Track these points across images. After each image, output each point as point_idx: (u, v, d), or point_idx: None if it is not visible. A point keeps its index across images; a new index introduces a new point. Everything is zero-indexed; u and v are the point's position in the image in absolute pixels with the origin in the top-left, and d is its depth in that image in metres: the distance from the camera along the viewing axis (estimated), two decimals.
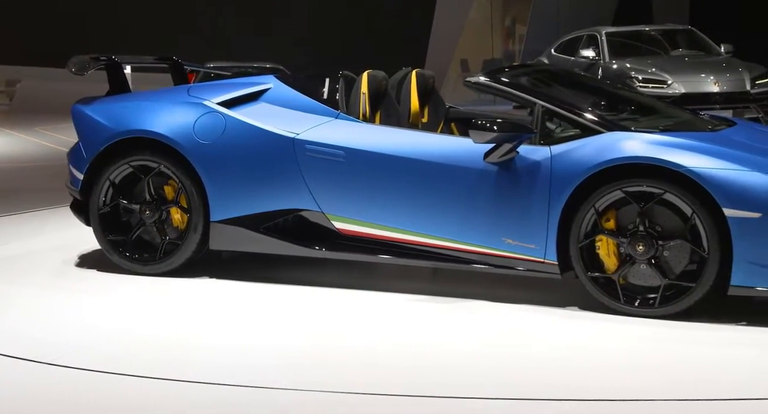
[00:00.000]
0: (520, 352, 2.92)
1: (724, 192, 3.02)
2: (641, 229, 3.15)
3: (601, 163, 3.17)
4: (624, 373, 2.70)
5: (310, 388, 2.60)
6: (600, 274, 3.23)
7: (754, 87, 8.57)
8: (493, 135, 3.27)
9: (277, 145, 3.69)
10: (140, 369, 2.79)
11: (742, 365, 2.76)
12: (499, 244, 3.36)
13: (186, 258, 3.80)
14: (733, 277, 3.03)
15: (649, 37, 9.88)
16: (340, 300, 3.57)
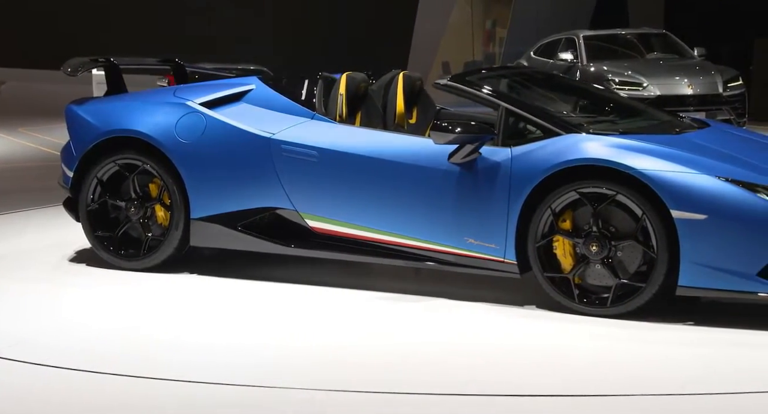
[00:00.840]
0: (473, 350, 2.95)
1: (671, 194, 3.03)
2: (595, 230, 3.18)
3: (556, 164, 3.20)
4: (570, 371, 2.73)
5: (282, 386, 2.62)
6: (556, 273, 3.25)
7: (726, 90, 8.71)
8: (454, 136, 3.31)
9: (254, 145, 3.75)
10: (126, 368, 2.79)
11: (684, 363, 2.78)
12: (462, 243, 3.40)
13: (168, 254, 3.88)
14: (681, 277, 3.04)
15: (625, 40, 9.99)
16: (307, 297, 3.60)
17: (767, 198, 3.01)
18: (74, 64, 4.24)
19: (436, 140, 3.36)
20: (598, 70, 9.12)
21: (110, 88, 4.32)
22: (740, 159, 3.22)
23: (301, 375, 2.73)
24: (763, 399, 2.47)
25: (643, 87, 8.65)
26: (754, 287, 2.98)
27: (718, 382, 2.61)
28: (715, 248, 2.99)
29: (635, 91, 8.53)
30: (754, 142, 3.66)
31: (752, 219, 2.96)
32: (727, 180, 3.05)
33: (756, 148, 3.52)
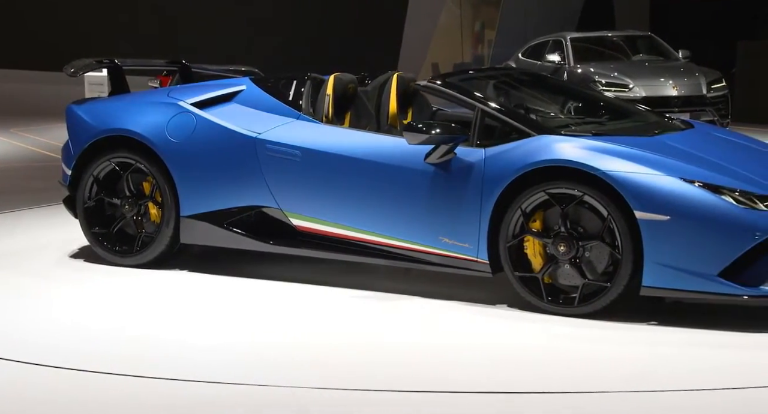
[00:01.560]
0: (439, 348, 2.96)
1: (635, 195, 3.03)
2: (563, 231, 3.19)
3: (526, 165, 3.21)
4: (521, 368, 2.75)
5: (259, 384, 2.63)
6: (526, 273, 3.26)
7: (709, 91, 8.79)
8: (426, 137, 3.32)
9: (241, 144, 3.82)
10: (118, 367, 2.79)
11: (638, 361, 2.79)
12: (437, 242, 3.42)
13: (160, 251, 3.94)
14: (645, 277, 3.04)
15: (611, 42, 10.05)
16: (287, 295, 3.62)
17: (731, 200, 3.00)
18: (79, 65, 4.30)
19: (409, 141, 3.38)
20: (585, 72, 9.17)
21: (114, 89, 4.40)
22: (712, 161, 3.21)
23: (278, 372, 2.74)
24: (716, 396, 2.49)
25: (629, 88, 8.71)
26: (715, 288, 2.97)
27: (673, 379, 2.62)
28: (677, 249, 2.98)
29: (621, 92, 8.58)
30: (733, 143, 3.67)
31: (714, 220, 2.96)
32: (691, 182, 3.04)
33: (733, 151, 3.53)
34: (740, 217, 2.96)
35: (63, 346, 3.02)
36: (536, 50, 10.16)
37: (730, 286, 2.95)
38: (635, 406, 2.44)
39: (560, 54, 9.58)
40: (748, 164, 3.30)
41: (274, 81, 4.09)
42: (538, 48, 10.16)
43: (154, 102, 4.07)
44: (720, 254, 2.96)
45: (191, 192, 3.87)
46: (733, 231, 2.94)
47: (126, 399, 2.56)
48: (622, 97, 8.16)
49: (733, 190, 3.04)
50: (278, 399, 2.53)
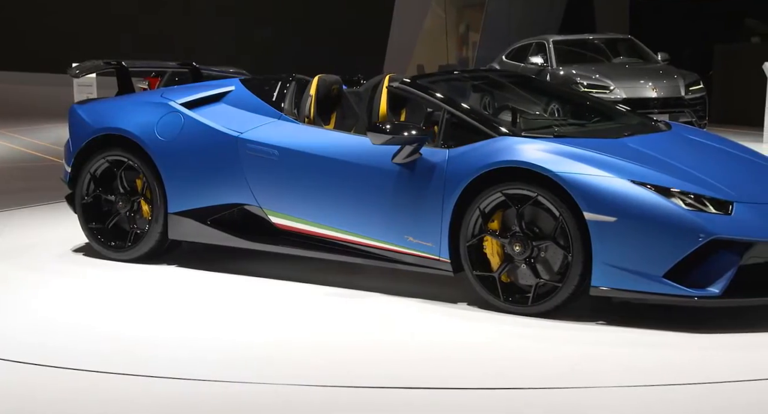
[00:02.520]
0: (395, 345, 2.98)
1: (584, 196, 3.04)
2: (518, 231, 3.21)
3: (483, 166, 3.23)
4: (468, 365, 2.76)
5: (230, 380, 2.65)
6: (484, 272, 3.28)
7: (688, 93, 8.89)
8: (389, 137, 3.35)
9: (224, 144, 3.89)
10: (92, 363, 2.79)
11: (569, 358, 2.80)
12: (403, 241, 3.45)
13: (150, 247, 4.03)
14: (593, 278, 3.04)
15: (592, 45, 10.13)
16: (261, 291, 3.65)
17: (680, 203, 2.99)
18: (85, 66, 4.41)
19: (373, 141, 3.41)
20: (567, 74, 9.25)
21: (120, 90, 4.51)
22: (672, 165, 3.20)
23: (254, 369, 2.75)
24: (648, 392, 2.52)
25: (610, 90, 8.79)
26: (660, 289, 2.96)
27: (601, 376, 2.64)
28: (624, 250, 2.98)
29: (602, 93, 8.66)
30: (705, 146, 3.65)
31: (659, 222, 2.95)
32: (642, 184, 3.04)
33: (701, 154, 3.52)
34: (686, 220, 2.95)
35: (34, 342, 3.02)
36: (519, 53, 10.22)
37: (675, 287, 2.94)
38: (564, 402, 2.47)
39: (543, 56, 9.65)
40: (713, 168, 3.29)
41: (262, 82, 4.14)
42: (521, 50, 10.22)
43: (147, 102, 4.15)
44: (665, 256, 2.94)
45: (178, 189, 3.94)
46: (678, 233, 2.93)
47: (97, 395, 2.56)
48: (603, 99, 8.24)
49: (686, 193, 3.03)
50: (256, 396, 2.55)
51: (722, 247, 2.96)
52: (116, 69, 4.43)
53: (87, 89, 9.65)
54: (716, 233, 2.94)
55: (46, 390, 2.62)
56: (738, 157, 3.56)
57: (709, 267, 2.95)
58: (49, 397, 2.57)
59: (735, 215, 3.01)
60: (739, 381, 2.58)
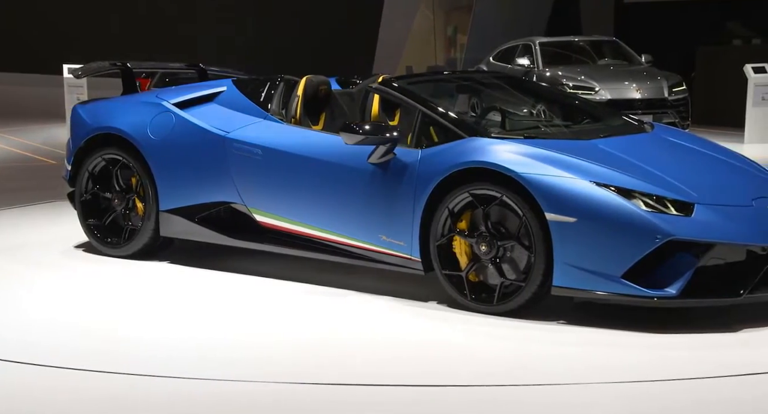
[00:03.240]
0: (357, 342, 2.99)
1: (545, 196, 3.05)
2: (484, 230, 3.21)
3: (451, 166, 3.24)
4: (439, 363, 2.78)
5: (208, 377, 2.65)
6: (453, 271, 3.28)
7: (671, 94, 8.97)
8: (361, 137, 3.37)
9: (212, 143, 3.94)
10: (82, 362, 2.78)
11: (525, 356, 2.83)
12: (377, 240, 3.47)
13: (144, 243, 4.09)
14: (555, 278, 3.04)
15: (578, 47, 10.20)
16: (242, 289, 3.67)
17: (640, 204, 2.99)
18: (89, 68, 4.51)
19: (346, 141, 3.43)
20: (554, 75, 9.30)
21: (126, 90, 4.58)
22: (640, 167, 3.17)
23: (229, 367, 2.75)
24: (603, 389, 2.54)
25: (595, 91, 8.86)
26: (619, 289, 2.95)
27: (572, 375, 2.65)
28: (583, 250, 2.98)
29: (588, 94, 8.72)
30: (681, 148, 3.59)
31: (618, 223, 2.94)
32: (602, 185, 3.03)
33: (675, 156, 3.49)
34: (644, 221, 2.94)
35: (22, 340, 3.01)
36: (506, 54, 10.26)
37: (633, 288, 2.93)
38: (513, 399, 2.49)
39: (529, 58, 9.70)
40: (683, 169, 3.27)
41: (253, 83, 4.18)
42: (508, 52, 10.26)
43: (142, 102, 4.21)
44: (623, 256, 2.94)
45: (168, 187, 3.99)
46: (636, 234, 2.92)
47: (74, 393, 2.55)
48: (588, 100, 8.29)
49: (648, 194, 3.02)
50: (228, 394, 2.55)
51: (681, 249, 2.95)
52: (121, 70, 4.49)
53: (77, 90, 9.60)
54: (673, 234, 2.92)
55: (28, 388, 2.60)
56: (713, 159, 3.55)
57: (668, 268, 2.93)
58: (32, 395, 2.55)
59: (695, 217, 3.00)
60: (700, 378, 2.59)
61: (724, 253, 2.99)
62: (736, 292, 2.95)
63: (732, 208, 3.10)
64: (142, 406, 2.46)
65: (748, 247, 3.02)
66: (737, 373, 2.61)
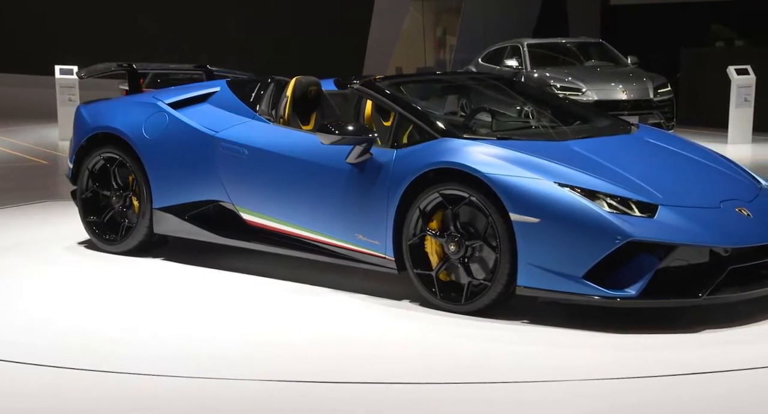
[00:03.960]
0: (327, 341, 3.00)
1: (510, 197, 3.04)
2: (453, 230, 3.20)
3: (422, 166, 3.25)
4: (396, 360, 2.79)
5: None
6: (423, 270, 3.28)
7: (656, 95, 9.02)
8: (336, 138, 3.39)
9: (201, 142, 3.98)
10: (65, 360, 2.77)
11: (494, 356, 2.82)
12: (354, 239, 3.48)
13: (139, 240, 4.15)
14: (519, 278, 3.04)
15: (565, 48, 10.24)
16: (222, 286, 3.69)
17: (603, 206, 2.98)
18: (94, 69, 4.56)
19: (322, 141, 3.46)
20: (541, 76, 9.33)
21: (131, 90, 4.63)
22: (608, 167, 3.15)
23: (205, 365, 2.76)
24: (565, 387, 2.55)
25: (582, 92, 8.90)
26: (580, 289, 2.94)
27: (536, 374, 2.66)
28: (546, 250, 2.98)
29: (575, 95, 8.76)
30: (659, 150, 3.54)
31: (579, 224, 2.93)
32: (566, 186, 3.02)
33: (648, 158, 3.45)
34: (605, 222, 2.93)
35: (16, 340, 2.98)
36: (495, 56, 10.29)
37: (594, 288, 2.93)
38: (476, 397, 2.50)
39: (518, 59, 9.73)
40: (654, 171, 3.25)
41: (247, 84, 4.21)
42: (496, 53, 10.29)
43: (138, 102, 4.26)
44: (584, 257, 2.93)
45: (161, 185, 4.03)
46: (596, 235, 2.91)
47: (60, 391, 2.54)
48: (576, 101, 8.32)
49: (612, 195, 3.01)
50: (203, 391, 2.55)
51: (643, 250, 2.93)
52: (127, 71, 4.57)
53: (69, 91, 9.53)
54: (633, 236, 2.91)
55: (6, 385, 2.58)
56: (690, 161, 3.52)
57: (629, 269, 2.92)
58: (13, 392, 2.53)
59: (658, 218, 2.98)
60: (657, 376, 2.60)
61: (687, 254, 2.98)
62: (696, 293, 2.94)
63: (697, 210, 3.08)
64: (131, 406, 2.45)
65: (711, 248, 3.01)
66: (696, 372, 2.63)
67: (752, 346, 2.86)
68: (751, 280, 3.08)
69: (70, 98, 9.49)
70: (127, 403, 2.46)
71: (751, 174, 3.58)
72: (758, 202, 3.27)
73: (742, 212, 3.15)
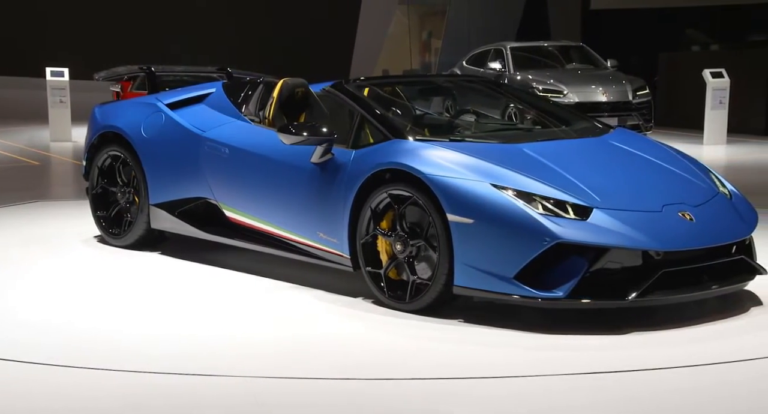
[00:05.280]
0: (272, 339, 2.96)
1: (447, 198, 3.04)
2: (399, 230, 3.21)
3: (372, 166, 3.26)
4: (322, 357, 2.78)
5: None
6: (375, 269, 3.28)
7: (635, 97, 9.10)
8: (297, 138, 3.43)
9: (190, 141, 4.01)
10: (53, 358, 2.75)
11: (416, 353, 2.80)
12: (315, 237, 3.50)
13: (139, 235, 4.24)
14: (456, 277, 3.02)
15: (547, 51, 10.29)
16: (221, 283, 3.67)
17: (537, 208, 2.96)
18: (118, 71, 4.69)
19: (284, 141, 3.49)
20: (524, 79, 9.37)
21: (150, 92, 4.70)
22: (554, 170, 3.14)
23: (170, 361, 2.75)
24: (497, 383, 2.55)
25: (564, 94, 8.95)
26: (512, 290, 2.93)
27: (474, 371, 2.64)
28: (480, 251, 2.97)
29: (556, 97, 8.81)
30: (618, 154, 3.46)
31: (511, 225, 2.93)
32: (501, 187, 3.02)
33: (601, 161, 3.36)
34: (534, 224, 2.92)
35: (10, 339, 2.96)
36: (479, 58, 10.33)
37: (524, 289, 2.92)
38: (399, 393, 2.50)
39: (501, 62, 9.77)
40: (600, 175, 3.20)
41: (241, 85, 4.27)
42: (480, 56, 10.33)
43: (141, 103, 4.36)
44: (515, 258, 2.92)
45: (156, 182, 4.11)
46: (526, 236, 2.91)
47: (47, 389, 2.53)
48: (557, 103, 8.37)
49: (547, 198, 2.99)
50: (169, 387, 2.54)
51: (575, 252, 2.91)
52: (146, 74, 4.71)
53: (60, 92, 9.44)
54: (561, 237, 2.89)
55: None
56: (648, 165, 3.39)
57: (560, 270, 2.91)
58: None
59: (591, 221, 2.96)
60: (583, 374, 2.60)
61: (620, 257, 2.94)
62: (624, 295, 2.91)
63: (635, 213, 3.04)
64: (122, 404, 2.44)
65: (644, 251, 2.97)
66: (622, 370, 2.64)
67: (675, 348, 2.84)
68: (691, 284, 3.04)
69: (61, 100, 9.41)
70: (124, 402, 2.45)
71: (717, 178, 3.50)
72: (707, 207, 3.21)
73: (685, 216, 3.10)
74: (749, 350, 2.81)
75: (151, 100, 4.34)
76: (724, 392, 2.51)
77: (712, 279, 3.11)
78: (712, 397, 2.47)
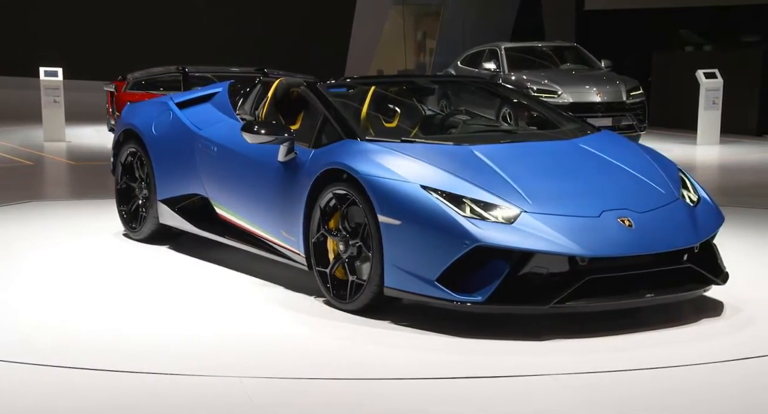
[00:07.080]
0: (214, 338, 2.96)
1: (378, 198, 3.02)
2: (341, 229, 3.20)
3: (321, 166, 3.28)
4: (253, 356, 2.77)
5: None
6: (323, 268, 3.26)
7: (629, 98, 9.11)
8: (262, 137, 3.46)
9: (189, 139, 4.10)
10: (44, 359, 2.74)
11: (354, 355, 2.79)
12: (279, 234, 3.52)
13: (151, 229, 4.36)
14: (385, 278, 3.00)
15: (541, 52, 10.30)
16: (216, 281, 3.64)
17: (464, 211, 2.92)
18: (153, 72, 4.83)
19: (247, 140, 3.54)
20: (518, 79, 9.38)
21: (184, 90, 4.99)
22: (496, 174, 3.09)
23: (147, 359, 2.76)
24: (420, 384, 2.56)
25: (558, 95, 8.95)
26: (434, 292, 2.90)
27: (401, 371, 2.65)
28: (406, 253, 2.95)
29: (551, 98, 8.82)
30: (583, 159, 3.36)
31: (435, 227, 2.90)
32: (429, 189, 2.98)
33: (551, 166, 3.26)
34: (457, 226, 2.87)
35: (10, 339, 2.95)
36: (473, 59, 10.33)
37: (444, 292, 2.88)
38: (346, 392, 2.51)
39: (495, 62, 9.77)
40: (544, 181, 3.12)
41: (245, 85, 4.33)
42: (475, 57, 10.33)
43: (156, 102, 4.49)
44: (437, 260, 2.88)
45: (162, 178, 4.22)
46: (448, 239, 2.87)
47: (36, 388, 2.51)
48: (552, 103, 8.39)
49: (476, 201, 2.95)
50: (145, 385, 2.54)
51: (497, 256, 2.87)
52: (181, 74, 5.03)
53: (54, 92, 9.40)
54: (481, 240, 2.85)
55: None
56: (607, 169, 3.29)
57: (481, 274, 2.88)
58: None
59: (516, 225, 2.90)
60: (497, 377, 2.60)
61: (546, 262, 2.89)
62: (545, 301, 2.86)
63: (569, 218, 2.96)
64: (122, 404, 2.43)
65: (570, 257, 2.90)
66: (611, 370, 2.65)
67: (652, 350, 2.83)
68: (622, 291, 2.96)
69: (55, 100, 9.37)
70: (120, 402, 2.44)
71: (690, 182, 3.37)
72: (656, 213, 3.09)
73: (624, 222, 3.00)
74: (731, 350, 2.82)
75: (164, 99, 4.44)
76: (712, 393, 2.53)
77: (650, 287, 3.01)
78: (697, 399, 2.48)
